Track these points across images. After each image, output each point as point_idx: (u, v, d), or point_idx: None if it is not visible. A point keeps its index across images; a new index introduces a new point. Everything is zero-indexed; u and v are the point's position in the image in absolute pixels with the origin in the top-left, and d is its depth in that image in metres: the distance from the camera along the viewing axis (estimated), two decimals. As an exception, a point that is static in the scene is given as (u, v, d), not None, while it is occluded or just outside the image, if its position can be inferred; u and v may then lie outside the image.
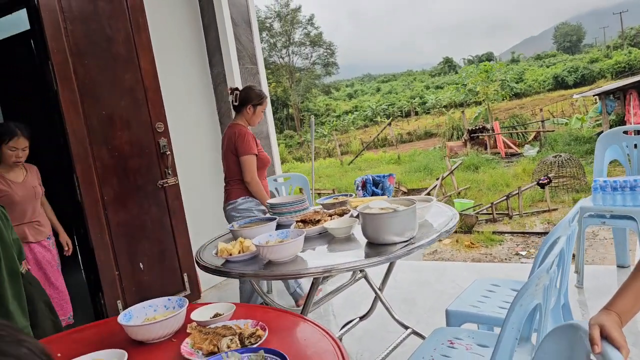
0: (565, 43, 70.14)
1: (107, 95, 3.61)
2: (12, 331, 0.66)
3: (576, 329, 1.12)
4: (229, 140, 3.31)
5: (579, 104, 22.34)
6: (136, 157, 3.73)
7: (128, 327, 1.59)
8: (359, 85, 60.81)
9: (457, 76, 39.22)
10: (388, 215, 2.00)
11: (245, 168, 3.25)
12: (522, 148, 15.94)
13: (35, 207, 3.28)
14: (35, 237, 3.23)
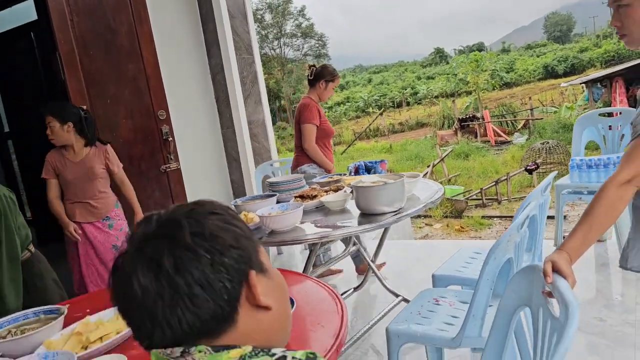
0: (555, 33, 70.52)
1: (111, 85, 3.78)
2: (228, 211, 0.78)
3: (534, 269, 1.33)
4: (298, 111, 3.74)
5: (569, 93, 22.63)
6: (140, 143, 3.92)
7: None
8: (351, 77, 60.90)
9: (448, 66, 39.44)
10: (378, 188, 2.21)
11: (305, 136, 3.63)
12: (512, 136, 16.22)
13: (90, 188, 3.25)
14: (86, 218, 3.25)
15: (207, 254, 0.70)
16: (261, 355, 0.69)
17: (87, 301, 1.93)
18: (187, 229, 0.72)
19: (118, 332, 1.48)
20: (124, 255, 0.74)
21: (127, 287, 0.71)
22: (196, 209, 0.76)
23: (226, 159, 4.98)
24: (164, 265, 0.69)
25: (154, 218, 0.77)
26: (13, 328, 1.59)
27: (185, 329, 0.70)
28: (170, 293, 0.69)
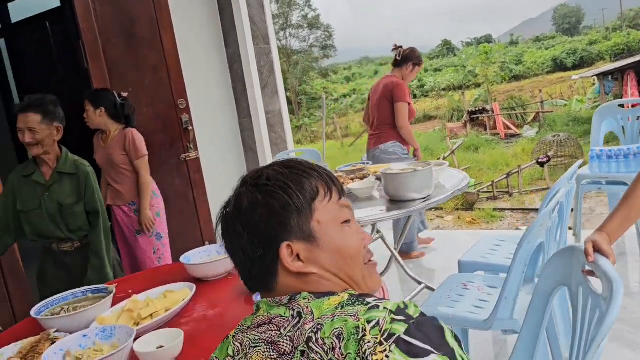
0: (564, 25, 70.07)
1: (132, 73, 3.83)
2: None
3: (573, 249, 1.37)
4: (385, 88, 3.78)
5: (578, 86, 22.54)
6: (161, 132, 3.97)
7: (190, 266, 1.84)
8: (357, 69, 60.65)
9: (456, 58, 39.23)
10: (408, 175, 2.26)
11: (399, 114, 3.69)
12: (522, 129, 16.19)
13: (114, 173, 3.33)
14: (114, 201, 3.35)
15: (242, 227, 0.83)
16: (357, 304, 0.74)
17: (128, 282, 1.98)
18: (233, 203, 0.87)
19: (167, 310, 1.54)
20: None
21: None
22: (254, 180, 0.87)
23: (243, 149, 5.03)
24: (228, 230, 0.87)
25: (243, 179, 0.90)
26: (65, 305, 1.64)
27: (247, 279, 0.88)
28: (231, 251, 0.88)
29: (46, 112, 2.44)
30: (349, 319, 0.70)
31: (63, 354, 1.33)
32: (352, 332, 0.68)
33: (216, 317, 1.56)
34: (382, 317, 0.69)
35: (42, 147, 2.41)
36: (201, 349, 1.38)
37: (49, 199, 2.43)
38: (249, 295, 1.66)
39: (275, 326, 0.78)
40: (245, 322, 0.86)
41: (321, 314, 0.75)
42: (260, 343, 0.78)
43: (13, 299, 3.02)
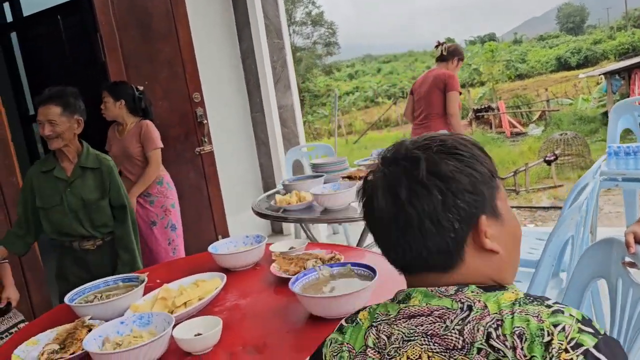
0: (568, 24, 69.85)
1: (148, 67, 3.83)
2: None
3: (611, 241, 1.37)
4: (437, 78, 3.93)
5: (582, 85, 22.48)
6: (176, 125, 3.97)
7: (219, 256, 1.85)
8: (360, 66, 60.44)
9: (460, 57, 39.08)
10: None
11: (452, 102, 3.85)
12: (527, 127, 16.16)
13: (129, 164, 3.35)
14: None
15: (439, 194, 0.74)
16: (536, 304, 0.71)
17: (155, 272, 1.98)
18: (424, 166, 0.76)
19: (200, 299, 1.54)
20: (373, 173, 0.83)
21: (370, 206, 0.82)
22: (441, 147, 0.78)
23: (255, 143, 5.03)
24: (400, 195, 0.76)
25: (404, 145, 0.82)
26: (97, 293, 1.65)
27: (415, 255, 0.78)
28: (402, 219, 0.76)
29: (67, 104, 2.35)
30: (531, 319, 0.68)
31: (102, 339, 1.34)
32: (536, 333, 0.67)
33: (249, 306, 1.57)
34: (569, 323, 0.67)
35: (62, 140, 2.33)
36: (237, 337, 1.38)
37: (71, 195, 2.36)
38: (279, 286, 1.66)
39: (438, 318, 0.74)
40: (388, 312, 0.80)
41: (499, 308, 0.71)
42: (417, 336, 0.75)
43: (31, 289, 3.03)
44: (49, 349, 1.37)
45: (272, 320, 1.46)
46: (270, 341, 1.34)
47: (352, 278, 1.51)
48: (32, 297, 3.03)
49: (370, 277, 1.47)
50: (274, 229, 5.11)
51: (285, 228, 5.05)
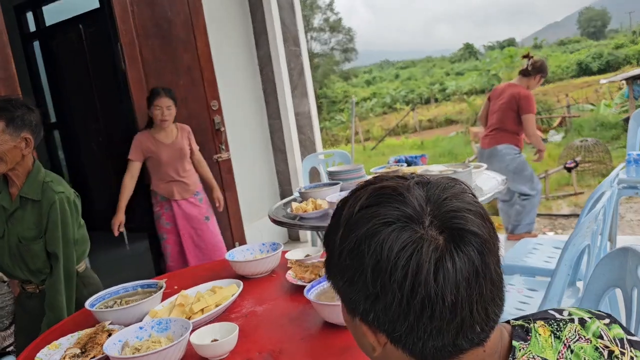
0: (589, 28, 69.09)
1: (168, 75, 3.89)
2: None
3: (627, 250, 1.37)
4: (512, 98, 4.05)
5: (604, 90, 22.20)
6: (194, 132, 4.01)
7: (236, 263, 1.87)
8: (377, 72, 60.35)
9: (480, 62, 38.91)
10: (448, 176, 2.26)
11: (528, 125, 4.05)
12: (547, 134, 16.00)
13: (182, 167, 3.49)
14: (182, 195, 3.50)
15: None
16: (567, 325, 0.73)
17: (172, 279, 2.01)
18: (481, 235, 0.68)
19: (217, 305, 1.57)
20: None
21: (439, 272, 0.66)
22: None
23: (272, 150, 5.07)
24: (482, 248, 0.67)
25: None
26: (117, 299, 1.68)
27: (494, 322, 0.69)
28: (490, 277, 0.66)
29: (11, 118, 1.88)
30: (582, 345, 0.70)
31: (122, 344, 1.37)
32: (595, 356, 0.69)
33: (265, 313, 1.59)
34: (599, 326, 0.71)
35: (5, 164, 1.90)
36: (253, 343, 1.40)
37: (12, 228, 1.98)
38: (294, 293, 1.68)
39: None
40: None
41: (554, 351, 0.70)
42: None
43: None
44: (71, 353, 1.40)
45: (288, 327, 1.48)
46: (285, 347, 1.35)
47: (367, 286, 1.52)
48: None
49: (384, 285, 1.48)
50: (290, 236, 5.14)
51: (301, 235, 5.07)
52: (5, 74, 2.93)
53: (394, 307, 0.63)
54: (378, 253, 0.63)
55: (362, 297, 0.66)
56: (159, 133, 3.44)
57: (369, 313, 0.67)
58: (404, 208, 0.65)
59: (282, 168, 5.04)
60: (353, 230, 0.67)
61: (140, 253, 5.11)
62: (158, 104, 3.36)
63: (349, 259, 0.67)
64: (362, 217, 0.67)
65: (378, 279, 0.64)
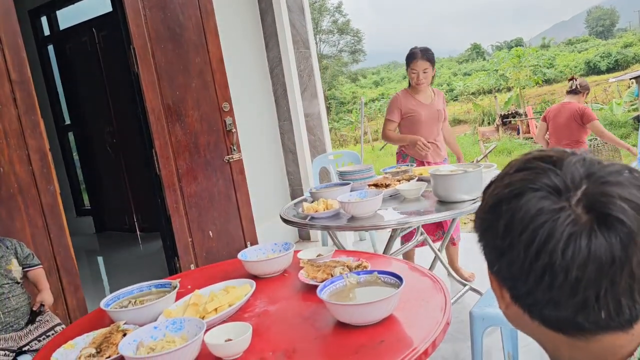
0: (597, 27, 68.71)
1: (180, 77, 3.92)
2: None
3: None
4: (574, 112, 4.64)
5: (613, 89, 22.07)
6: (205, 134, 4.05)
7: (248, 263, 1.89)
8: (385, 73, 60.38)
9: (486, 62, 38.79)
10: (459, 176, 2.27)
11: (599, 129, 4.70)
12: (556, 133, 15.95)
13: (437, 129, 3.51)
14: (434, 158, 3.48)
15: None
16: None
17: (185, 278, 2.03)
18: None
19: (230, 305, 1.58)
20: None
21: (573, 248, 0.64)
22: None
23: (283, 151, 5.09)
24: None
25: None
26: (131, 299, 1.71)
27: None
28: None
29: None
30: None
31: (136, 344, 1.38)
32: None
33: (278, 312, 1.60)
34: None
35: None
36: (267, 342, 1.42)
37: None
38: (307, 293, 1.69)
39: None
40: None
41: None
42: None
43: (66, 293, 3.12)
44: (86, 353, 1.42)
45: (301, 327, 1.49)
46: (299, 347, 1.37)
47: (379, 286, 1.54)
48: (67, 301, 3.12)
49: (396, 284, 1.49)
50: (301, 236, 5.16)
51: (312, 235, 5.09)
52: (20, 78, 2.97)
53: (516, 266, 0.65)
54: (514, 211, 0.65)
55: (491, 249, 0.70)
56: (418, 94, 3.45)
57: (494, 264, 0.70)
58: (554, 179, 0.65)
59: (293, 169, 5.06)
60: (501, 187, 0.69)
61: (153, 253, 5.15)
62: (414, 68, 3.36)
63: (489, 213, 0.70)
64: (513, 177, 0.69)
65: (507, 234, 0.66)
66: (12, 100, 3.06)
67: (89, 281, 4.91)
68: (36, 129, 3.16)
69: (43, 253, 3.03)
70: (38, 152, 3.14)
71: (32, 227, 2.68)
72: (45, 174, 3.15)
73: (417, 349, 1.26)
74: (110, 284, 5.03)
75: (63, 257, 3.13)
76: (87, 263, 5.71)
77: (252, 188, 4.41)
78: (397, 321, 1.42)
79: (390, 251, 2.56)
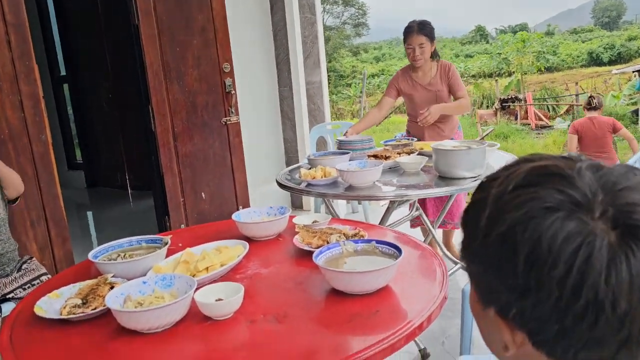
0: (603, 18, 68.22)
1: (181, 33, 3.82)
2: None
3: None
4: (604, 124, 5.05)
5: (613, 81, 22.00)
6: (204, 94, 3.96)
7: (243, 224, 1.84)
8: (387, 49, 59.83)
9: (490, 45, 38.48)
10: (461, 152, 2.22)
11: (627, 135, 5.13)
12: (554, 121, 15.89)
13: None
14: (434, 138, 3.17)
15: None
16: None
17: (176, 236, 1.99)
18: None
19: (222, 264, 1.54)
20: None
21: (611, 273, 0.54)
22: None
23: (281, 117, 5.02)
24: None
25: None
26: (121, 252, 1.66)
27: None
28: None
29: None
30: None
31: (124, 297, 1.34)
32: None
33: (270, 276, 1.57)
34: None
35: None
36: (258, 305, 1.38)
37: None
38: (300, 258, 1.66)
39: None
40: None
41: None
42: None
43: (54, 244, 3.08)
44: (72, 303, 1.38)
45: (293, 291, 1.46)
46: (290, 312, 1.33)
47: (376, 256, 1.50)
48: (55, 253, 3.07)
49: (394, 255, 1.45)
50: (294, 204, 5.12)
51: (305, 203, 5.06)
52: (16, 20, 2.87)
53: (546, 307, 0.54)
54: (535, 241, 0.53)
55: (506, 289, 0.57)
56: (416, 72, 3.21)
57: (510, 307, 0.58)
58: (570, 192, 0.55)
59: (290, 136, 5.00)
60: (505, 211, 0.57)
61: (143, 211, 5.11)
62: (410, 43, 3.11)
63: (497, 244, 0.57)
64: (517, 197, 0.57)
65: (532, 270, 0.54)
66: (7, 43, 2.96)
67: (78, 235, 4.86)
68: (30, 75, 3.07)
69: (32, 202, 2.98)
70: (31, 99, 3.06)
71: (22, 175, 2.60)
72: (37, 122, 3.07)
73: (412, 322, 1.23)
74: (99, 238, 5.00)
75: (52, 208, 3.07)
76: (77, 217, 5.66)
77: (247, 152, 4.34)
78: (393, 293, 1.39)
79: (386, 223, 2.53)
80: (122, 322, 1.25)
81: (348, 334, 1.24)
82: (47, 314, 1.36)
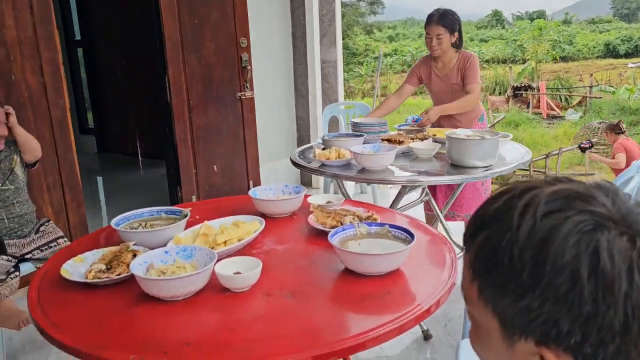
0: (623, 10, 67.15)
1: (200, 6, 3.83)
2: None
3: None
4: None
5: (628, 74, 21.76)
6: (220, 68, 3.99)
7: (260, 201, 1.90)
8: (402, 29, 59.14)
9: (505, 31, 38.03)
10: (475, 142, 2.26)
11: None
12: (565, 111, 15.80)
13: (450, 101, 3.06)
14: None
15: None
16: None
17: (193, 210, 2.04)
18: None
19: (240, 239, 1.60)
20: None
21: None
22: None
23: (294, 95, 5.04)
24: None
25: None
26: (142, 221, 1.72)
27: None
28: None
29: None
30: None
31: (147, 265, 1.40)
32: None
33: (286, 252, 1.62)
34: None
35: None
36: (274, 280, 1.44)
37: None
38: (314, 237, 1.71)
39: None
40: None
41: None
42: None
43: (69, 209, 3.15)
44: (97, 268, 1.44)
45: (308, 269, 1.51)
46: (305, 288, 1.39)
47: (389, 239, 1.55)
48: (69, 217, 3.15)
49: (406, 240, 1.50)
50: (302, 182, 5.17)
51: (314, 182, 5.11)
52: (37, -16, 2.88)
53: (614, 327, 0.54)
54: (594, 265, 0.53)
55: (569, 318, 0.55)
56: (436, 61, 3.15)
57: (571, 336, 0.55)
58: (600, 210, 0.56)
59: (302, 114, 5.03)
60: (542, 241, 0.56)
61: (154, 179, 5.18)
62: (428, 32, 3.04)
63: (554, 275, 0.55)
64: (550, 224, 0.56)
65: (597, 293, 0.53)
66: (29, 7, 3.00)
67: (88, 200, 4.94)
68: (51, 41, 3.10)
69: (49, 167, 3.04)
70: (51, 65, 3.10)
71: (40, 139, 2.66)
72: (56, 87, 3.12)
73: (421, 306, 1.28)
74: (108, 204, 5.07)
75: (68, 173, 3.14)
76: (88, 182, 5.74)
77: (260, 128, 4.38)
78: (404, 276, 1.44)
79: (397, 207, 2.57)
80: (145, 289, 1.31)
81: (361, 312, 1.29)
82: (73, 277, 1.42)
